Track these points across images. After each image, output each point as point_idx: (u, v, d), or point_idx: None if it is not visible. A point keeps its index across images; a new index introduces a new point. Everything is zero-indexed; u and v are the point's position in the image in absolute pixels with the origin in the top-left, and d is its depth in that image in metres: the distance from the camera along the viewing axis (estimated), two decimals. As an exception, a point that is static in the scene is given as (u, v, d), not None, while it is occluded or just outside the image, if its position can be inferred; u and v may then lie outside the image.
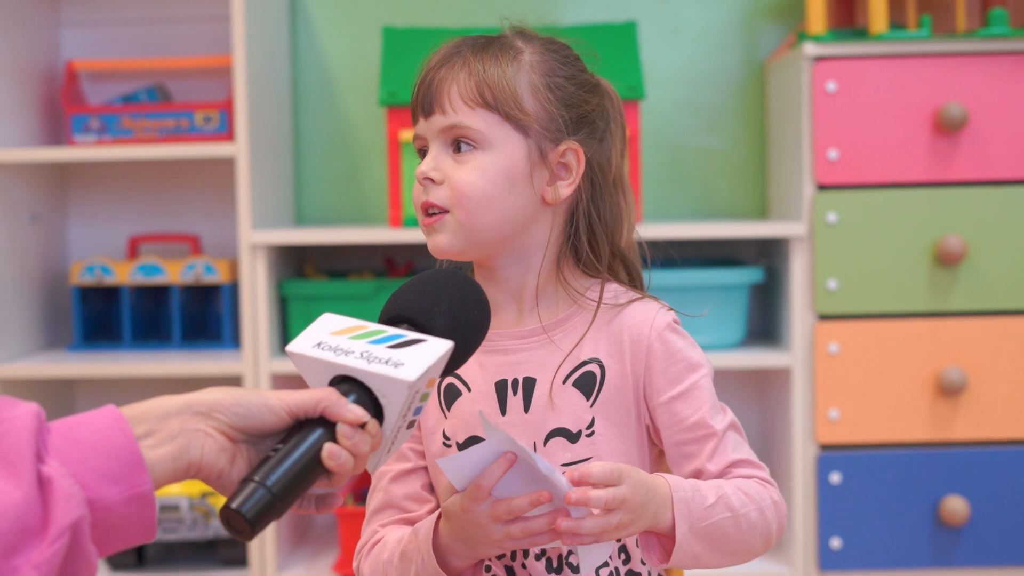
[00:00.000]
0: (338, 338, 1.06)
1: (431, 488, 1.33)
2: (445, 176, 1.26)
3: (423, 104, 1.29)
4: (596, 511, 1.13)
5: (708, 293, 2.43)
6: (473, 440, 1.28)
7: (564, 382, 1.27)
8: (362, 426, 1.02)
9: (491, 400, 1.28)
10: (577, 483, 1.12)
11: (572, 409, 1.27)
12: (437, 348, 1.05)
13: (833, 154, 2.34)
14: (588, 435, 1.26)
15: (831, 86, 2.33)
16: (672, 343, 1.28)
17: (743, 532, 1.23)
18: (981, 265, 2.34)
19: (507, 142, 1.26)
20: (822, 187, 2.36)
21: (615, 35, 2.55)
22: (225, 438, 0.99)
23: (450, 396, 1.30)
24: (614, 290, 1.32)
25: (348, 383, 1.04)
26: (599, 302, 1.30)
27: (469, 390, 1.30)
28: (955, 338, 2.35)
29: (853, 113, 2.34)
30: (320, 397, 1.01)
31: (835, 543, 2.36)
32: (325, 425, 1.01)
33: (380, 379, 1.03)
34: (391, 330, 1.07)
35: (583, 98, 1.30)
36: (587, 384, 1.27)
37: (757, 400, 2.73)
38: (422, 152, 1.32)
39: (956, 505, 2.32)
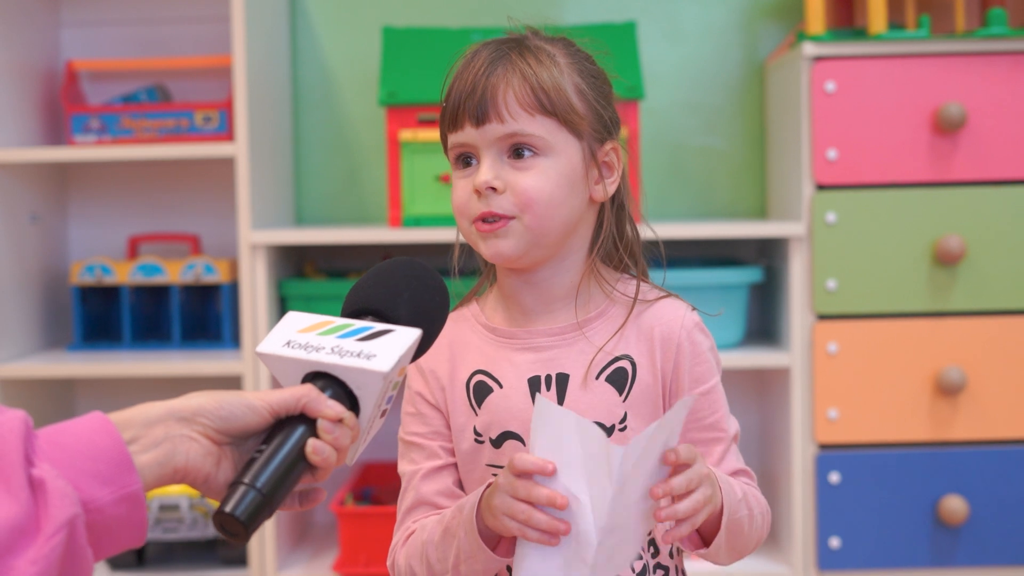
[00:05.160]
0: (307, 335, 1.06)
1: (462, 484, 1.34)
2: (507, 184, 1.25)
3: (474, 112, 1.25)
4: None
5: (708, 293, 2.43)
6: (508, 435, 1.29)
7: (597, 377, 1.29)
8: (340, 420, 1.02)
9: (524, 396, 1.29)
10: (673, 464, 1.13)
11: (605, 404, 1.28)
12: (407, 337, 1.06)
13: (832, 154, 2.34)
14: (621, 429, 1.28)
15: (830, 86, 2.33)
16: (700, 343, 1.32)
17: (750, 532, 1.27)
18: (980, 265, 2.34)
19: (566, 147, 1.27)
20: (821, 187, 2.37)
21: (615, 35, 2.55)
22: (209, 441, 1.00)
23: (480, 393, 1.31)
24: (640, 287, 1.34)
25: (322, 379, 1.05)
26: (635, 298, 1.31)
27: (501, 387, 1.30)
28: (954, 338, 2.35)
29: (852, 113, 2.34)
30: (300, 394, 1.02)
31: (834, 543, 2.36)
32: (305, 422, 1.02)
33: (355, 372, 1.04)
34: (358, 323, 1.08)
35: (613, 95, 1.33)
36: (619, 380, 1.29)
37: (756, 400, 2.73)
38: (462, 159, 1.29)
39: (955, 505, 2.32)
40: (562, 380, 1.29)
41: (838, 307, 2.36)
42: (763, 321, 2.70)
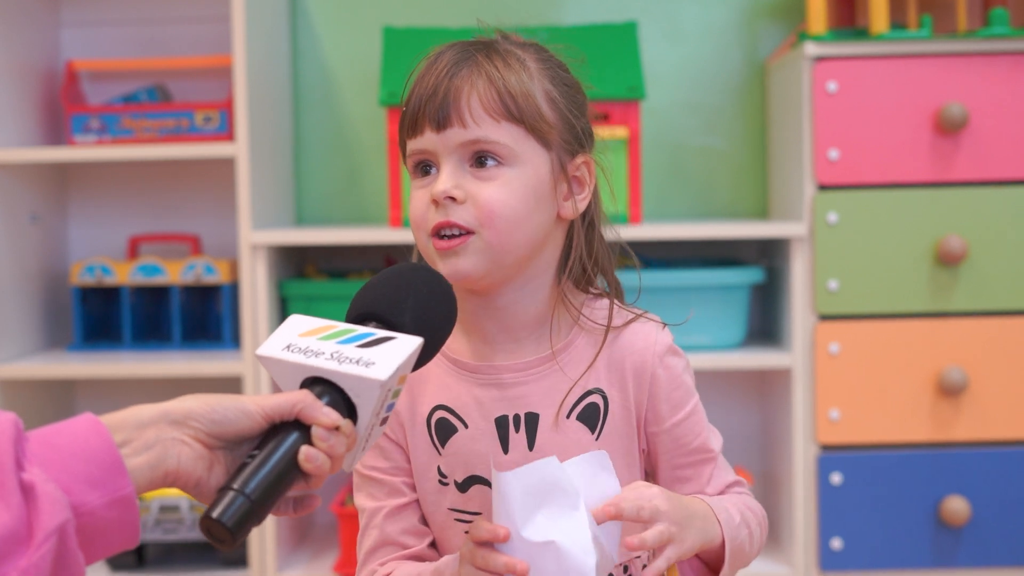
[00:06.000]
0: (307, 339, 1.04)
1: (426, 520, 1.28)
2: (468, 194, 1.15)
3: (435, 116, 1.16)
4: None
5: (708, 293, 2.43)
6: (474, 480, 1.22)
7: (568, 416, 1.21)
8: (336, 428, 1.00)
9: (492, 438, 1.22)
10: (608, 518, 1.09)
11: (578, 446, 1.20)
12: (407, 345, 1.03)
13: (834, 154, 2.34)
14: None
15: (832, 86, 2.33)
16: (674, 368, 1.24)
17: (752, 549, 1.24)
18: (982, 265, 2.34)
19: (532, 157, 1.17)
20: (823, 187, 2.36)
21: (615, 35, 2.55)
22: (201, 446, 0.98)
23: (443, 432, 1.23)
24: (606, 307, 1.26)
25: (320, 384, 1.02)
26: (608, 327, 1.23)
27: (466, 427, 1.23)
28: (956, 338, 2.34)
29: (854, 113, 2.33)
30: (296, 399, 1.00)
31: (836, 543, 2.35)
32: (300, 428, 1.00)
33: (352, 379, 1.01)
34: (360, 329, 1.06)
35: (587, 107, 1.25)
36: (591, 417, 1.22)
37: (758, 400, 2.72)
38: (421, 168, 1.20)
39: (957, 505, 2.32)
40: (531, 420, 1.21)
41: (840, 307, 2.35)
42: (764, 321, 2.69)
